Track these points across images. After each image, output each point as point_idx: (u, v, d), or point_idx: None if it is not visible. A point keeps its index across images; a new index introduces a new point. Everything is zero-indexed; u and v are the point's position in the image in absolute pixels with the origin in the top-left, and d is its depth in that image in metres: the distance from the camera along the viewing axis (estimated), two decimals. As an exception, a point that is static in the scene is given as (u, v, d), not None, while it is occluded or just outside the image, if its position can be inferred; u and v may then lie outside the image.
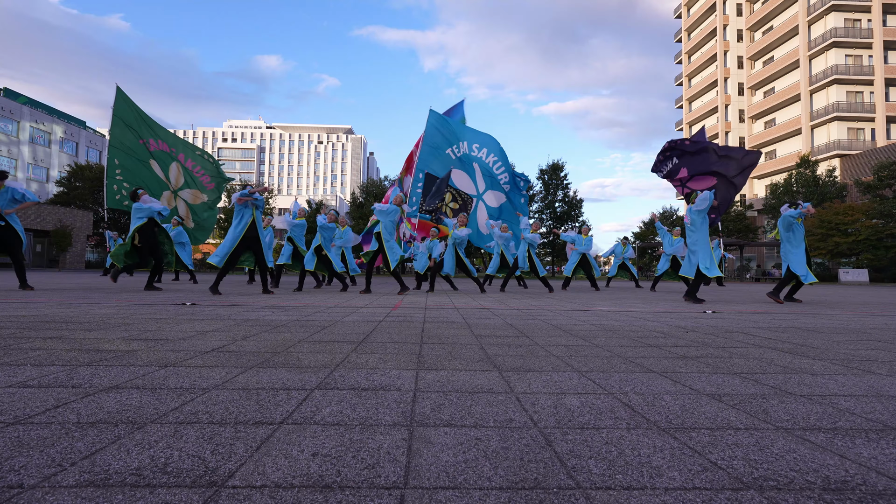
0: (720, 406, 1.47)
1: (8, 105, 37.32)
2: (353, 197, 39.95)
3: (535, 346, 2.58)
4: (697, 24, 52.93)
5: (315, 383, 1.67)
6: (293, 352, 2.28)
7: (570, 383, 1.74)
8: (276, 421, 1.25)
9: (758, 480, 0.95)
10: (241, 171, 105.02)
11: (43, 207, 28.18)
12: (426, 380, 1.75)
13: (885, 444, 1.16)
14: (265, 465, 0.98)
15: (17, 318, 3.41)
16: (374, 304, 5.52)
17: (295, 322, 3.52)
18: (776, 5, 42.79)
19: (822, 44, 38.13)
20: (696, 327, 3.63)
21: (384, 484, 0.90)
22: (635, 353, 2.43)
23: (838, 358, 2.37)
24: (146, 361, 1.98)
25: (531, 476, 0.95)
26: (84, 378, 1.68)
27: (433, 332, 3.11)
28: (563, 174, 34.00)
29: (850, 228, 25.86)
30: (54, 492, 0.85)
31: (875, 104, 37.18)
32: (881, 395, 1.65)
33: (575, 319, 4.09)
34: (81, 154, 43.77)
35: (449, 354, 2.28)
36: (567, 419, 1.31)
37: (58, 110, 43.84)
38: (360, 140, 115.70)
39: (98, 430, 1.16)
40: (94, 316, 3.67)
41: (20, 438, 1.10)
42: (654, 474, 0.96)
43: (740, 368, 2.07)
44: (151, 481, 0.89)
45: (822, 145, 38.34)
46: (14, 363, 1.91)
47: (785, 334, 3.29)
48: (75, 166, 34.46)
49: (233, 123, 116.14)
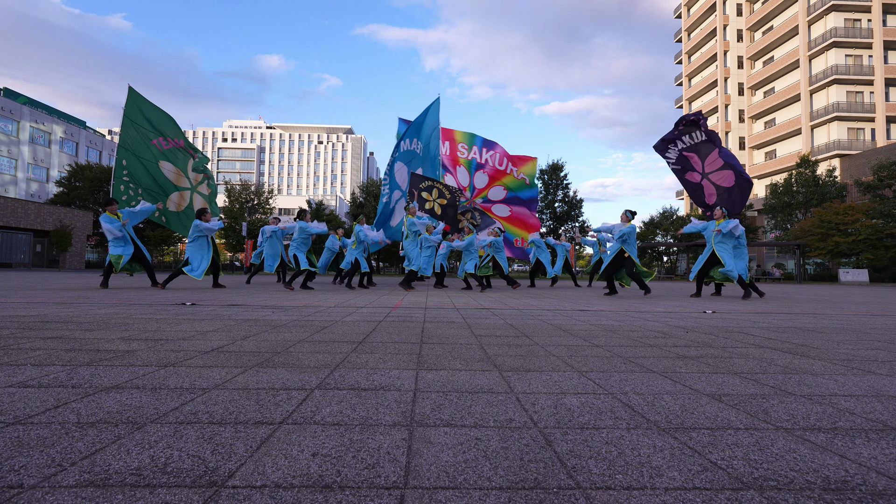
0: (720, 406, 1.47)
1: (8, 105, 37.30)
2: (353, 197, 39.93)
3: (535, 346, 2.58)
4: (697, 24, 52.92)
5: (315, 383, 1.67)
6: (293, 352, 2.28)
7: (570, 383, 1.74)
8: (276, 421, 1.25)
9: (758, 480, 0.95)
10: (241, 171, 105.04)
11: (43, 207, 28.18)
12: (426, 380, 1.75)
13: (885, 444, 1.16)
14: (265, 465, 0.98)
15: (17, 318, 3.41)
16: (374, 304, 5.52)
17: (295, 322, 3.52)
18: (776, 5, 42.78)
19: (822, 44, 38.12)
20: (696, 327, 3.63)
21: (384, 484, 0.90)
22: (635, 352, 2.43)
23: (838, 358, 2.37)
24: (146, 361, 1.98)
25: (531, 476, 0.95)
26: (84, 378, 1.68)
27: (433, 331, 3.11)
28: (563, 174, 33.98)
29: (850, 228, 25.83)
30: (54, 492, 0.85)
31: (875, 104, 37.18)
32: (881, 395, 1.65)
33: (575, 319, 4.09)
34: (81, 154, 43.76)
35: (449, 354, 2.28)
36: (567, 419, 1.31)
37: (58, 110, 43.82)
38: (360, 140, 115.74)
39: (98, 430, 1.16)
40: (94, 316, 3.67)
41: (20, 438, 1.10)
42: (654, 474, 0.96)
43: (740, 368, 2.07)
44: (151, 481, 0.89)
45: (822, 145, 38.33)
46: (14, 363, 1.91)
47: (785, 334, 3.29)
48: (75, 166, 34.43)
49: (233, 123, 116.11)
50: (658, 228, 37.00)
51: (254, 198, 38.88)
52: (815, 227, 27.01)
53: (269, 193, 40.35)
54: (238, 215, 36.51)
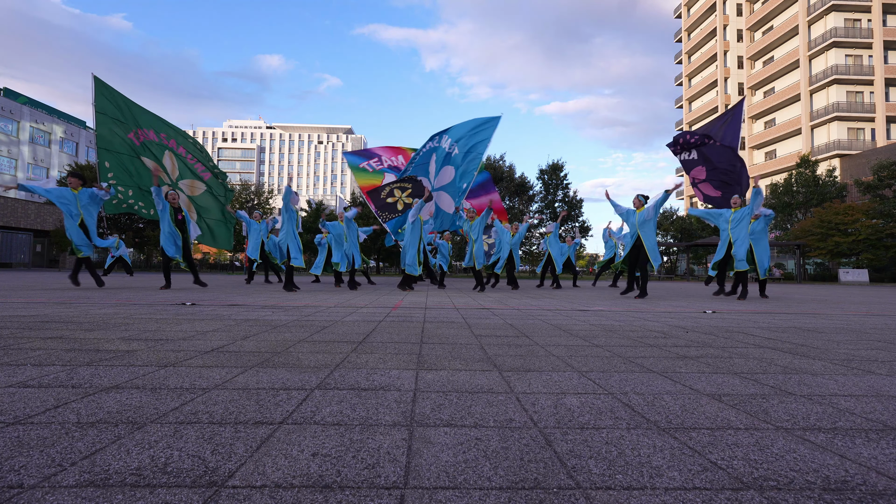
0: (720, 406, 1.47)
1: (8, 105, 37.31)
2: (353, 197, 39.95)
3: (535, 346, 2.58)
4: (697, 24, 52.94)
5: (315, 383, 1.67)
6: (293, 352, 2.28)
7: (570, 383, 1.74)
8: (276, 421, 1.25)
9: (758, 480, 0.95)
10: (241, 171, 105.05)
11: (43, 207, 28.18)
12: (426, 380, 1.75)
13: (885, 444, 1.16)
14: (265, 465, 0.98)
15: (17, 318, 3.41)
16: (374, 303, 5.52)
17: (295, 322, 3.52)
18: (776, 5, 42.80)
19: (822, 44, 38.13)
20: (695, 327, 3.63)
21: (384, 484, 0.90)
22: (635, 352, 2.43)
23: (838, 358, 2.37)
24: (146, 361, 1.98)
25: (531, 476, 0.95)
26: (84, 378, 1.68)
27: (433, 332, 3.11)
28: (563, 174, 33.99)
29: (850, 228, 25.84)
30: (54, 492, 0.85)
31: (875, 104, 37.20)
32: (881, 395, 1.65)
33: (575, 319, 4.09)
34: (81, 154, 43.76)
35: (449, 354, 2.28)
36: (567, 419, 1.31)
37: (58, 110, 43.83)
38: (361, 140, 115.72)
39: (98, 430, 1.16)
40: (94, 316, 3.67)
41: (20, 438, 1.10)
42: (654, 474, 0.96)
43: (740, 368, 2.07)
44: (151, 481, 0.89)
45: (822, 145, 38.34)
46: (14, 363, 1.91)
47: (785, 334, 3.29)
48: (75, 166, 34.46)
49: (233, 123, 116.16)
50: (658, 228, 37.03)
51: (254, 198, 38.91)
52: (815, 227, 27.02)
53: (269, 193, 40.38)
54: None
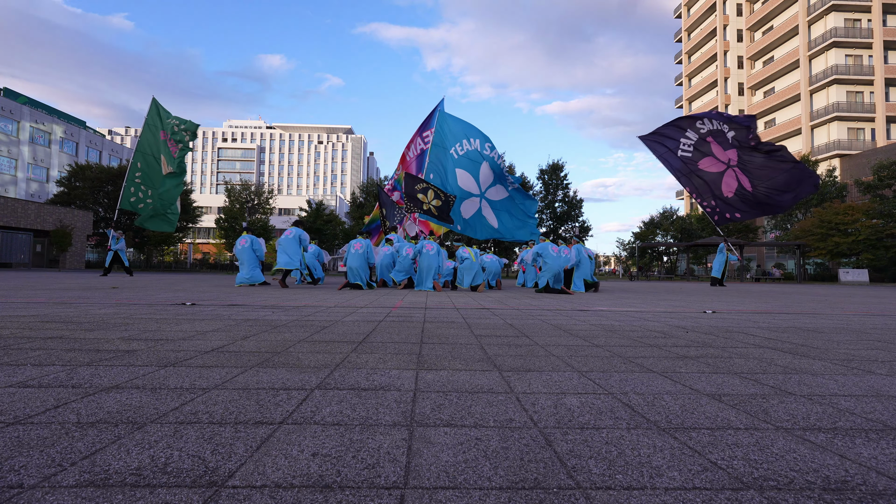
0: (720, 406, 1.47)
1: (8, 105, 37.29)
2: (353, 197, 39.94)
3: (535, 346, 2.58)
4: (697, 24, 52.93)
5: (315, 383, 1.67)
6: (293, 352, 2.28)
7: (570, 383, 1.74)
8: (276, 421, 1.25)
9: (758, 480, 0.95)
10: (241, 171, 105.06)
11: (43, 207, 28.16)
12: (426, 380, 1.75)
13: (885, 444, 1.16)
14: (265, 465, 0.98)
15: (17, 318, 3.41)
16: (374, 304, 5.52)
17: (295, 322, 3.52)
18: (776, 5, 42.79)
19: (822, 44, 38.13)
20: (695, 327, 3.63)
21: (384, 484, 0.90)
22: (635, 353, 2.43)
23: (838, 358, 2.37)
24: (146, 361, 1.98)
25: (531, 476, 0.95)
26: (84, 378, 1.68)
27: (433, 332, 3.11)
28: (564, 174, 33.97)
29: (850, 228, 25.83)
30: (54, 492, 0.85)
31: (875, 104, 37.19)
32: (881, 395, 1.65)
33: (575, 319, 4.09)
34: (81, 154, 43.74)
35: (449, 354, 2.28)
36: (567, 419, 1.31)
37: (58, 110, 43.83)
38: (360, 140, 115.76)
39: (98, 430, 1.16)
40: (94, 316, 3.67)
41: (20, 438, 1.10)
42: (654, 474, 0.96)
43: (740, 368, 2.07)
44: (151, 481, 0.89)
45: (822, 145, 38.34)
46: (14, 363, 1.91)
47: (785, 334, 3.29)
48: (75, 166, 34.41)
49: (233, 123, 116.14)
50: (658, 228, 37.04)
51: (254, 198, 38.89)
52: (815, 227, 27.01)
53: (269, 193, 40.36)
54: (238, 215, 36.51)
